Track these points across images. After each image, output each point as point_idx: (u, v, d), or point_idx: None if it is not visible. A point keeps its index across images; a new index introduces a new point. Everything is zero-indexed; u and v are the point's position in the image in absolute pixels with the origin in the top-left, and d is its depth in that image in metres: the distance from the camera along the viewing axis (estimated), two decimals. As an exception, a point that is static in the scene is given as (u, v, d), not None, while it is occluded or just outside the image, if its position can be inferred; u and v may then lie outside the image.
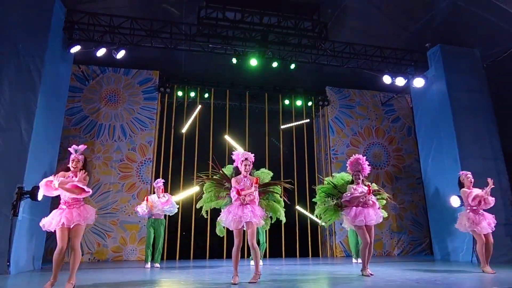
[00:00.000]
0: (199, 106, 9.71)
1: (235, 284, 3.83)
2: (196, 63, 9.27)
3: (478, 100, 7.92)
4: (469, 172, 5.55)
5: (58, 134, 6.97)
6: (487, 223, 5.15)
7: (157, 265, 6.46)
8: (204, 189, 4.88)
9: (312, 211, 9.26)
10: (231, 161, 9.92)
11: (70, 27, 7.05)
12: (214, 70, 9.41)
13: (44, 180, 3.77)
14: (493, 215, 5.27)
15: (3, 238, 5.22)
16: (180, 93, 9.64)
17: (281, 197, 4.95)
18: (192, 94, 9.72)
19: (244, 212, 3.95)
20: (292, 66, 8.25)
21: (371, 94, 10.55)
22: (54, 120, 6.71)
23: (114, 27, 7.15)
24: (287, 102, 10.28)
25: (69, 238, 3.81)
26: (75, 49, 6.94)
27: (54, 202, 7.66)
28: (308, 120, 10.49)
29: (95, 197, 8.22)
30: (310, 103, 10.46)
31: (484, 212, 5.26)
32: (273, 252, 8.87)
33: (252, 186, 4.06)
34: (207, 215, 4.98)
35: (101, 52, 7.14)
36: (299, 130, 10.29)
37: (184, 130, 9.44)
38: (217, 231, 4.86)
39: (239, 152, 4.35)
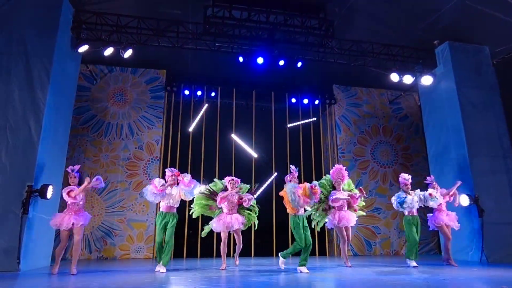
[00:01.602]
0: (206, 105, 9.73)
1: (222, 270, 5.40)
2: (203, 62, 9.28)
3: (487, 98, 7.81)
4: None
5: (66, 133, 7.04)
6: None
7: (164, 269, 5.21)
8: (195, 199, 6.00)
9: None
10: (237, 160, 9.93)
11: (78, 27, 7.10)
12: (220, 69, 9.42)
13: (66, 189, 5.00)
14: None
15: (13, 235, 5.28)
16: (187, 92, 9.66)
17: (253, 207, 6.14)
18: (199, 93, 9.74)
19: (232, 219, 5.65)
20: (299, 64, 8.22)
21: (379, 92, 10.48)
22: (63, 119, 6.78)
23: (121, 26, 7.19)
24: (293, 100, 10.25)
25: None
26: (83, 48, 7.00)
27: (63, 201, 7.75)
28: (315, 119, 10.45)
29: (103, 195, 8.29)
30: (317, 102, 10.41)
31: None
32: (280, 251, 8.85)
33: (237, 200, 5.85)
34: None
35: (108, 51, 7.19)
36: (306, 129, 10.26)
37: (191, 128, 9.47)
38: (203, 233, 6.01)
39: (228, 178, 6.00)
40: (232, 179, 5.88)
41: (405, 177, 6.19)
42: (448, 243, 6.22)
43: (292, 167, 5.56)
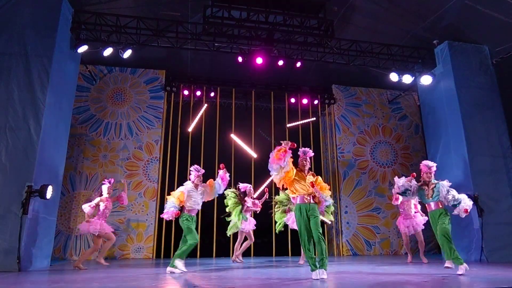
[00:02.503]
0: (205, 105, 9.74)
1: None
2: (202, 62, 9.30)
3: (487, 97, 7.81)
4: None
5: (66, 132, 7.04)
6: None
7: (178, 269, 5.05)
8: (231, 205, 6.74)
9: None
10: (236, 160, 9.92)
11: (77, 27, 7.11)
12: (220, 69, 9.43)
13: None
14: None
15: (13, 236, 5.29)
16: (186, 92, 9.67)
17: None
18: (198, 93, 9.75)
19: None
20: (298, 64, 8.23)
21: (378, 92, 10.49)
22: (62, 119, 6.78)
23: (121, 26, 7.20)
24: (293, 100, 10.26)
25: None
26: (82, 49, 7.00)
27: (62, 201, 7.77)
28: (314, 119, 10.46)
29: (103, 195, 8.28)
30: (316, 102, 10.42)
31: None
32: (280, 251, 8.88)
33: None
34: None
35: (107, 51, 7.20)
36: (305, 129, 10.27)
37: (190, 129, 9.48)
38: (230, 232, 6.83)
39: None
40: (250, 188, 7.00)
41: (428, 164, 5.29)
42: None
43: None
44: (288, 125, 10.08)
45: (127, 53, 7.25)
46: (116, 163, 8.59)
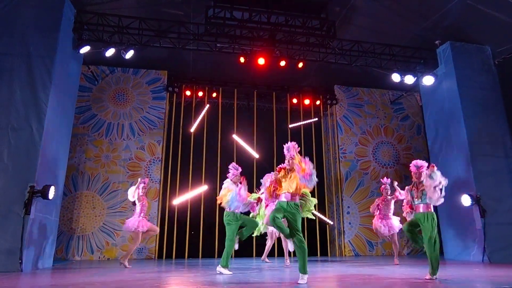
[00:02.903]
0: (207, 106, 9.74)
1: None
2: (204, 63, 9.30)
3: (489, 98, 7.80)
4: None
5: (68, 133, 7.06)
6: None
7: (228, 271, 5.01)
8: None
9: (320, 210, 9.25)
10: (238, 160, 9.88)
11: (80, 28, 7.12)
12: (222, 69, 9.43)
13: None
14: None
15: (15, 236, 5.29)
16: (188, 93, 9.68)
17: None
18: (200, 93, 9.75)
19: None
20: (300, 64, 8.22)
21: (380, 92, 10.47)
22: (65, 120, 6.79)
23: (123, 27, 7.21)
24: (295, 101, 10.25)
25: None
26: (85, 49, 7.02)
27: (64, 201, 7.77)
28: (316, 119, 10.45)
29: (104, 195, 8.31)
30: (318, 102, 10.41)
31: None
32: (283, 251, 8.84)
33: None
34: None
35: (110, 52, 7.21)
36: (307, 129, 10.26)
37: (192, 129, 9.48)
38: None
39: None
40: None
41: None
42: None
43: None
44: (290, 126, 10.07)
45: (129, 54, 7.26)
46: (118, 163, 8.60)
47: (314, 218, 6.63)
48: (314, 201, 5.99)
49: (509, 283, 3.90)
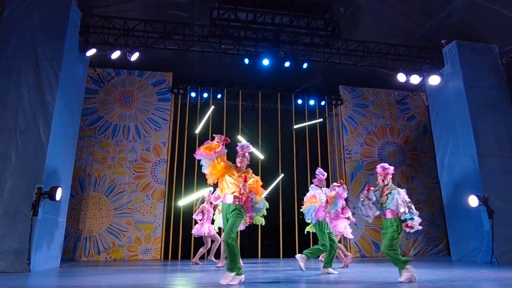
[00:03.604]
0: (212, 107, 9.77)
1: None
2: (209, 64, 9.33)
3: (496, 97, 7.71)
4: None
5: (75, 135, 7.13)
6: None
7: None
8: None
9: (326, 211, 9.20)
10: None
11: (86, 31, 7.19)
12: (226, 70, 9.46)
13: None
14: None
15: (23, 237, 5.36)
16: (193, 94, 9.73)
17: None
18: (205, 95, 9.79)
19: None
20: (305, 65, 8.22)
21: (386, 92, 10.42)
22: (71, 122, 6.86)
23: (128, 29, 7.26)
24: (300, 101, 10.25)
25: None
26: (91, 52, 7.09)
27: (71, 203, 7.85)
28: (321, 120, 10.42)
29: (110, 196, 8.38)
30: (323, 103, 10.39)
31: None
32: (287, 253, 8.84)
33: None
34: None
35: (115, 54, 7.26)
36: (312, 130, 10.23)
37: (197, 130, 9.51)
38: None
39: None
40: None
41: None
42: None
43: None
44: (295, 127, 10.06)
45: (135, 56, 7.31)
46: (125, 165, 8.66)
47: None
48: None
49: (517, 284, 3.85)
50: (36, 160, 5.70)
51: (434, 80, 8.05)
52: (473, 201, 6.88)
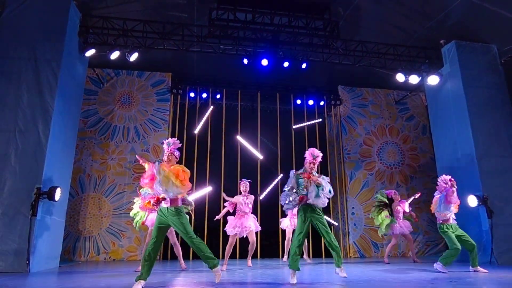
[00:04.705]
0: (211, 107, 9.78)
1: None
2: (208, 64, 9.34)
3: (495, 97, 7.72)
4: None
5: (74, 135, 7.14)
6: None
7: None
8: None
9: (325, 211, 9.20)
10: (242, 161, 9.80)
11: (85, 31, 7.21)
12: (225, 71, 9.47)
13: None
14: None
15: (22, 237, 5.37)
16: (192, 94, 9.73)
17: None
18: (204, 95, 9.79)
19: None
20: (304, 65, 8.23)
21: (385, 92, 10.43)
22: (71, 122, 6.88)
23: (127, 30, 7.28)
24: (299, 101, 10.24)
25: None
26: (90, 52, 7.10)
27: (71, 203, 7.86)
28: (320, 120, 10.43)
29: (110, 197, 8.38)
30: (322, 103, 10.39)
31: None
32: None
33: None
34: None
35: (114, 55, 7.27)
36: (311, 130, 10.24)
37: (196, 131, 9.52)
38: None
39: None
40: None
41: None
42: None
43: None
44: (294, 127, 10.06)
45: (134, 56, 7.32)
46: (124, 165, 8.67)
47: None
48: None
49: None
50: (35, 161, 5.72)
51: (433, 80, 8.07)
52: (472, 201, 6.89)
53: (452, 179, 5.40)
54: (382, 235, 7.66)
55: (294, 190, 4.17)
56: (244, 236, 6.01)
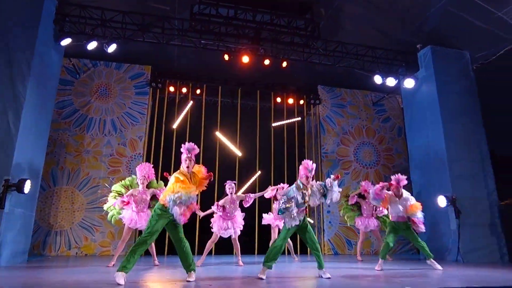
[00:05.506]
0: (191, 102, 9.69)
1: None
2: (189, 59, 9.24)
3: (467, 102, 8.00)
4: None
5: (47, 127, 6.92)
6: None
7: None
8: None
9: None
10: (221, 158, 9.78)
11: (61, 20, 6.98)
12: (206, 66, 9.39)
13: None
14: None
15: (-12, 230, 5.18)
16: (172, 89, 9.61)
17: None
18: (184, 89, 9.69)
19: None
20: (284, 64, 8.27)
21: (363, 93, 10.62)
22: (43, 113, 6.65)
23: (106, 20, 7.10)
24: (279, 99, 10.30)
25: None
26: (66, 41, 6.89)
27: (42, 196, 7.62)
28: (300, 119, 10.53)
29: (84, 190, 8.19)
30: (302, 102, 10.49)
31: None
32: (263, 250, 8.90)
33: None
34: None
35: (92, 45, 7.09)
36: (290, 128, 10.32)
37: (175, 125, 9.42)
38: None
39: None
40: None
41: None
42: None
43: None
44: (273, 124, 10.11)
45: (112, 48, 7.16)
46: (99, 159, 8.48)
47: None
48: None
49: (479, 282, 4.05)
50: (4, 152, 5.53)
51: (409, 83, 8.29)
52: (441, 201, 7.14)
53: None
54: (350, 225, 7.99)
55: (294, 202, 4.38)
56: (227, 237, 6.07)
